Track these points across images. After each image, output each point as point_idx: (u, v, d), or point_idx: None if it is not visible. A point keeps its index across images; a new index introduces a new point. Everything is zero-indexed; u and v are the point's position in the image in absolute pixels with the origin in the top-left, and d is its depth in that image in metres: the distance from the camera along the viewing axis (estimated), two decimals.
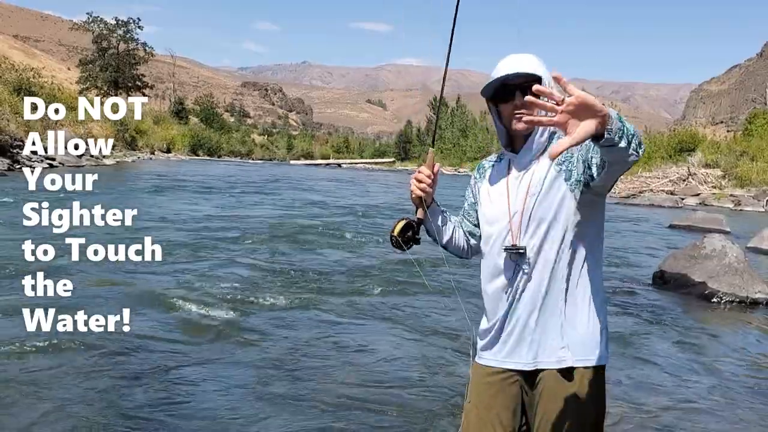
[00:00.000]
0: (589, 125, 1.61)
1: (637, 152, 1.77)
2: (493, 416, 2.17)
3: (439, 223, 2.30)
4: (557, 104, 1.60)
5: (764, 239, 12.55)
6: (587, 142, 1.85)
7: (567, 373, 2.08)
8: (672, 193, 28.70)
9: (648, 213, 20.45)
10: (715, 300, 8.02)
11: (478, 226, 2.32)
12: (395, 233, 2.21)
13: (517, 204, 2.11)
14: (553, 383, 2.10)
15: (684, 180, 31.00)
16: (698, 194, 28.10)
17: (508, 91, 2.09)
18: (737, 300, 7.98)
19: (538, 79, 2.04)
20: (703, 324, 7.18)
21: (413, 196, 2.22)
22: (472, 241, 2.36)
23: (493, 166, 2.29)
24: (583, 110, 1.60)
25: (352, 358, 5.23)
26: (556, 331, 2.09)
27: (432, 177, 2.19)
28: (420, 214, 2.23)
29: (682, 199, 27.01)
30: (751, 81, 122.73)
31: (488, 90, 2.13)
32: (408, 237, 2.22)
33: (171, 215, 13.02)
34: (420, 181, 2.19)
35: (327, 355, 5.25)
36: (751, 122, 41.39)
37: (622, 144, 1.72)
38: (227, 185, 23.78)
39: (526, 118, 1.74)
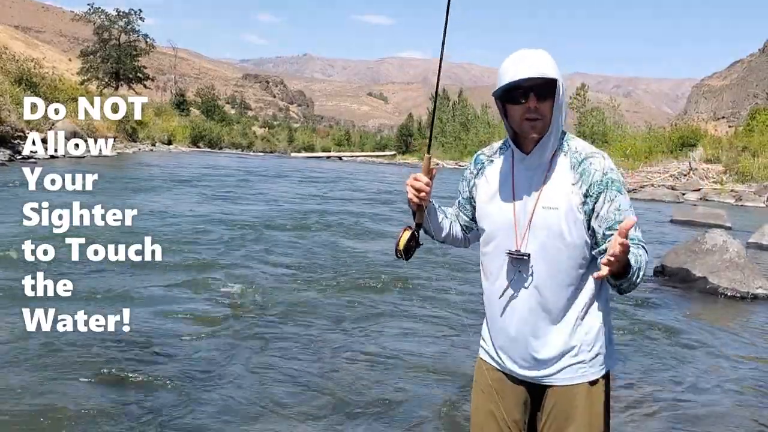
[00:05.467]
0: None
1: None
2: (502, 411, 2.17)
3: (437, 222, 2.25)
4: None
5: (765, 235, 12.54)
6: (602, 207, 2.00)
7: (576, 386, 2.09)
8: (673, 188, 28.63)
9: (649, 207, 20.40)
10: (715, 295, 8.04)
11: (473, 219, 2.28)
12: (401, 247, 2.16)
13: (526, 210, 2.05)
14: (561, 395, 2.10)
15: (685, 175, 30.98)
16: (699, 189, 28.06)
17: (520, 93, 1.99)
18: (738, 295, 7.99)
19: (553, 82, 1.98)
20: (704, 319, 7.19)
21: (411, 203, 2.15)
22: (469, 234, 2.34)
23: (492, 161, 2.21)
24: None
25: (357, 353, 5.23)
26: (564, 344, 2.06)
27: (430, 185, 2.11)
28: (419, 218, 2.19)
29: (683, 194, 26.95)
30: (753, 76, 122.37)
31: (499, 90, 2.02)
32: (410, 245, 2.18)
33: (171, 211, 13.00)
34: (419, 190, 2.11)
35: (331, 351, 5.26)
36: (753, 118, 41.28)
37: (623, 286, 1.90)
38: (228, 179, 23.74)
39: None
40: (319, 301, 6.69)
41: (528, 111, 1.99)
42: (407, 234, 2.17)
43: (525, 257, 2.04)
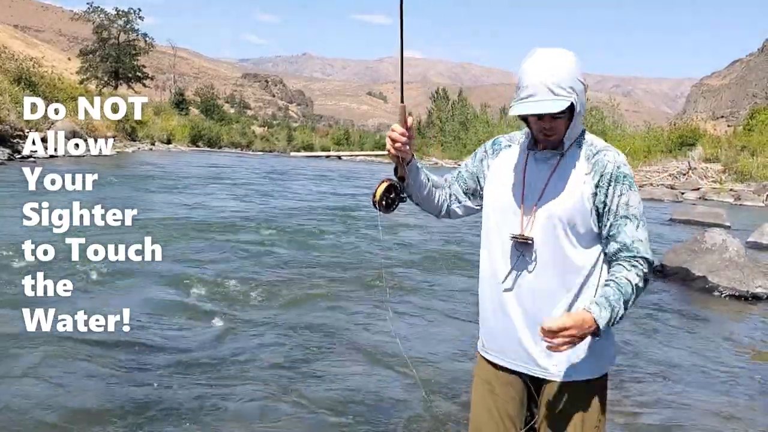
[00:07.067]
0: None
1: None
2: (499, 405, 2.17)
3: (419, 179, 2.21)
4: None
5: (764, 234, 12.55)
6: (611, 200, 2.02)
7: (574, 383, 2.09)
8: (672, 188, 28.65)
9: (648, 207, 20.35)
10: (715, 294, 8.05)
11: (467, 193, 2.28)
12: (377, 198, 2.14)
13: (534, 195, 2.06)
14: (558, 391, 2.10)
15: (684, 174, 31.03)
16: (698, 188, 28.09)
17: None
18: (737, 294, 8.00)
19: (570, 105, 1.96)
20: (703, 318, 7.19)
21: (390, 154, 2.12)
22: (451, 206, 2.30)
23: (510, 146, 2.23)
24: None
25: (355, 351, 5.23)
26: None
27: (406, 134, 2.07)
28: (400, 171, 2.16)
29: (683, 193, 26.98)
30: (752, 76, 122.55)
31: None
32: (391, 199, 2.16)
33: (171, 210, 13.00)
34: (394, 140, 2.07)
35: (330, 350, 5.26)
36: (752, 117, 41.32)
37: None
38: (230, 178, 23.73)
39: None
40: (323, 298, 6.69)
41: (542, 129, 2.04)
42: (384, 185, 2.15)
43: (529, 241, 2.04)
